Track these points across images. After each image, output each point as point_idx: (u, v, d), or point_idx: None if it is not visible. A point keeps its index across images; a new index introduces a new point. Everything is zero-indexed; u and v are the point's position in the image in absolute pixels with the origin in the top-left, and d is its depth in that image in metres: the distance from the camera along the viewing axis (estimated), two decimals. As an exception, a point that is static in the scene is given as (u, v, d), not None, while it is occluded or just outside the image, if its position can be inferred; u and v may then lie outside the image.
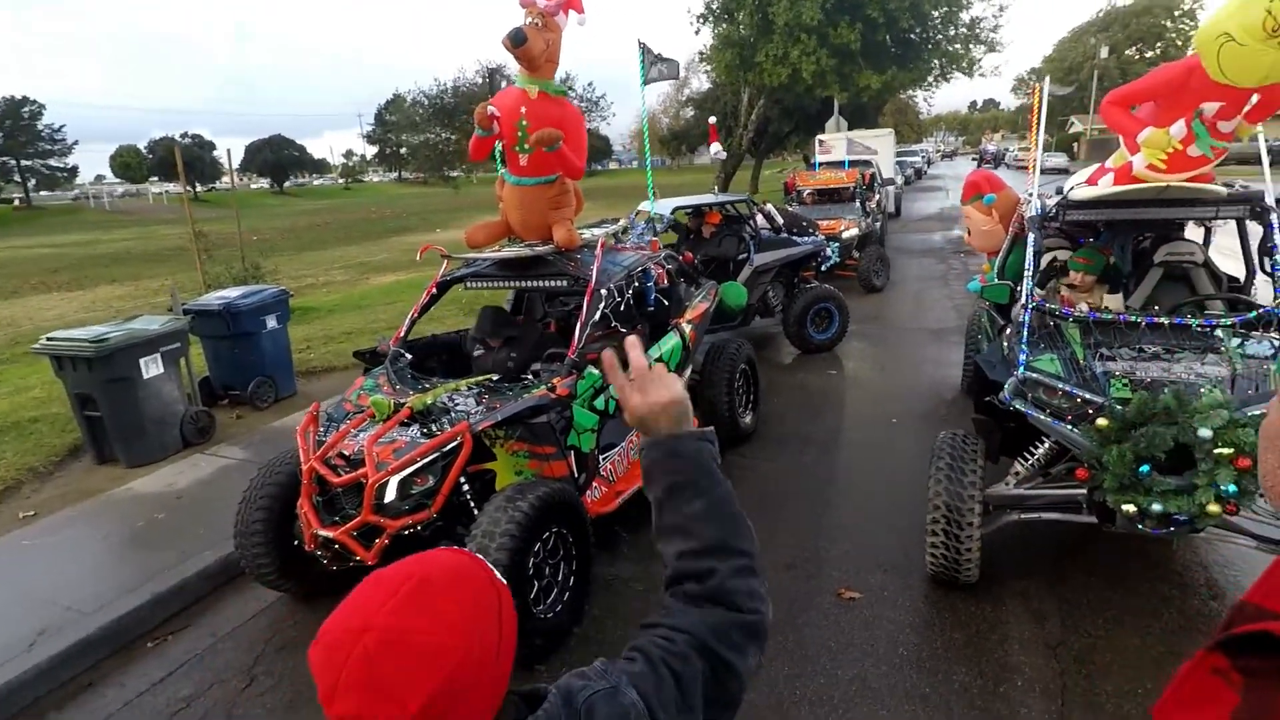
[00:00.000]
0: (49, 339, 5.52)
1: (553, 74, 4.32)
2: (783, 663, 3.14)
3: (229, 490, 4.81)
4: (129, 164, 68.44)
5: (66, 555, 4.45)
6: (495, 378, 4.00)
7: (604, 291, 4.18)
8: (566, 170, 4.43)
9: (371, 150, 76.71)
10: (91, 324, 5.98)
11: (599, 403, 3.97)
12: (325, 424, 3.75)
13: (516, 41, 4.01)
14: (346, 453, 3.47)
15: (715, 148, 9.40)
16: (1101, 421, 2.84)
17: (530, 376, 4.03)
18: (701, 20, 22.78)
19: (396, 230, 29.48)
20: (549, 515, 3.27)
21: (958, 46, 20.89)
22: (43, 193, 61.79)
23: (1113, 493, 2.84)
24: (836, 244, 10.43)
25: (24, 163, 58.05)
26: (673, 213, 8.05)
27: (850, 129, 20.43)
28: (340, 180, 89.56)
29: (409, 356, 4.41)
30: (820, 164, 15.60)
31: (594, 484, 3.98)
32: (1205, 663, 0.69)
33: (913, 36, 20.48)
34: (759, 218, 8.41)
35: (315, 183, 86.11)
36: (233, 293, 6.82)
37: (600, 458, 4.03)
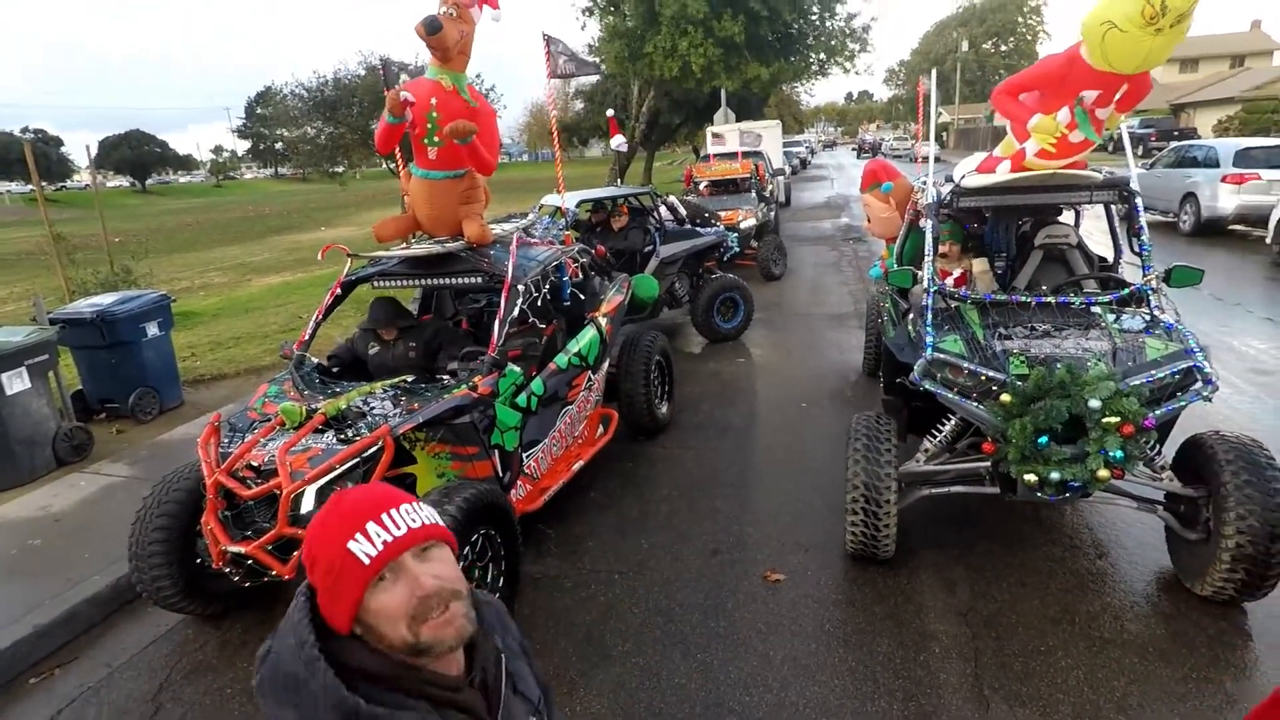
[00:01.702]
0: (-116, 356, 4.90)
1: (464, 67, 4.21)
2: (716, 648, 3.21)
3: (114, 510, 4.47)
4: (-42, 160, 61.18)
5: (-75, 596, 3.97)
6: (410, 379, 3.87)
7: (520, 287, 4.12)
8: (478, 165, 4.34)
9: (244, 145, 71.97)
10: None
11: (521, 400, 3.92)
12: (228, 435, 3.52)
13: (431, 29, 3.89)
14: (255, 464, 3.27)
15: (618, 140, 9.41)
16: (1005, 397, 3.06)
17: (448, 376, 3.93)
18: (587, 13, 22.73)
19: (278, 229, 27.91)
20: (477, 518, 3.20)
21: (835, 41, 21.81)
22: None
23: (1016, 464, 3.07)
24: (735, 234, 10.70)
25: None
26: (577, 206, 8.03)
27: (738, 120, 20.99)
28: (211, 177, 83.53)
29: (314, 359, 4.21)
30: (713, 155, 15.90)
31: (519, 482, 3.94)
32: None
33: (793, 30, 21.22)
34: (662, 209, 8.51)
35: (182, 180, 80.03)
36: (106, 299, 6.26)
37: (524, 455, 3.99)
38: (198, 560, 3.48)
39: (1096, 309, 3.56)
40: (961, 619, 3.29)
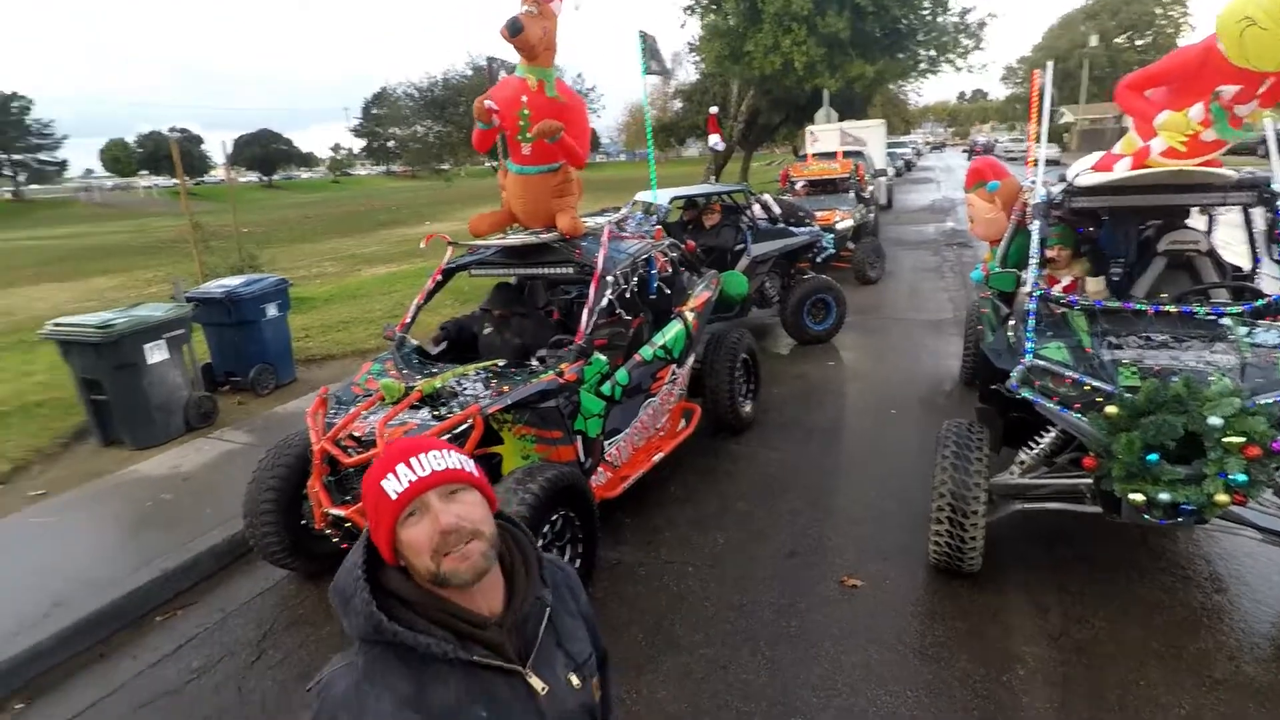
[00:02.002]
0: (55, 324, 5.53)
1: (551, 61, 4.32)
2: (786, 647, 3.19)
3: (234, 473, 4.85)
4: (118, 158, 67.91)
5: (78, 532, 4.50)
6: (502, 363, 4.03)
7: (610, 278, 4.21)
8: (570, 159, 4.45)
9: (359, 144, 76.26)
10: (86, 314, 5.98)
11: (605, 388, 4.01)
12: (334, 407, 3.77)
13: (514, 31, 4.01)
14: (357, 434, 3.49)
15: (714, 139, 9.37)
16: (1110, 409, 2.87)
17: (536, 362, 4.06)
18: (689, 12, 22.74)
19: (387, 223, 29.38)
20: (557, 498, 3.31)
21: (947, 38, 20.86)
22: (33, 186, 61.17)
23: (1120, 481, 2.87)
24: (831, 235, 10.48)
25: (14, 157, 57.48)
26: (670, 202, 8.08)
27: (840, 120, 20.47)
28: (329, 173, 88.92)
29: (414, 342, 4.45)
30: (811, 155, 15.60)
31: (600, 469, 4.02)
32: None
33: (901, 26, 20.45)
34: (755, 208, 8.44)
35: (303, 176, 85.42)
36: (234, 281, 6.82)
37: (606, 443, 4.07)
38: (302, 522, 3.75)
39: (1226, 320, 3.28)
40: (1052, 643, 3.11)
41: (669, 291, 4.98)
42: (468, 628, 1.14)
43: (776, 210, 8.65)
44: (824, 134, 18.39)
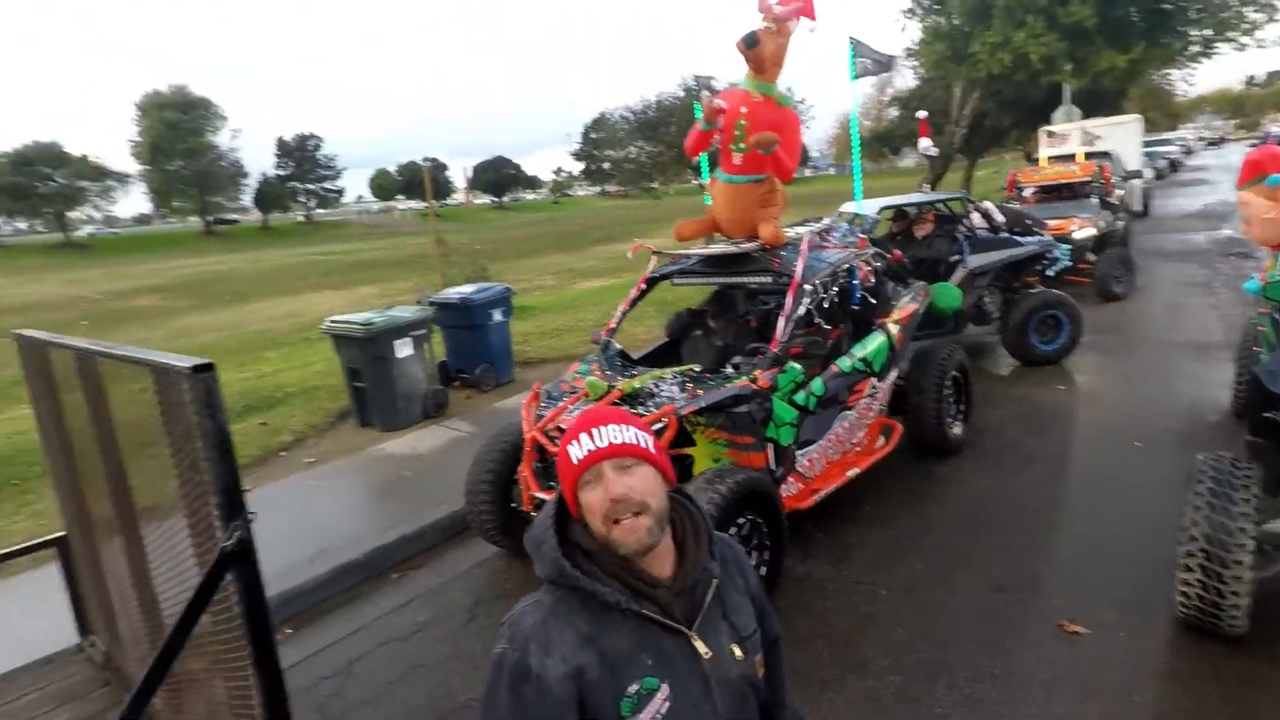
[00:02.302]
0: (332, 322, 6.61)
1: (777, 77, 4.40)
2: (988, 687, 2.94)
3: (459, 457, 5.44)
4: (382, 185, 78.94)
5: (338, 496, 5.35)
6: (698, 368, 4.15)
7: (808, 287, 4.16)
8: (778, 171, 4.48)
9: (578, 166, 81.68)
10: (353, 314, 7.05)
11: (800, 398, 3.96)
12: (545, 401, 4.12)
13: (749, 44, 4.16)
14: (564, 426, 3.78)
15: (925, 143, 8.79)
16: None
17: (731, 369, 4.12)
18: (908, 15, 21.63)
19: (600, 240, 31.14)
20: (745, 502, 3.34)
21: (1228, 13, 17.60)
22: (319, 211, 72.95)
23: None
24: (1068, 246, 9.41)
25: (308, 186, 69.13)
26: (879, 212, 7.77)
27: (1085, 119, 18.26)
28: (550, 195, 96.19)
29: (618, 345, 4.71)
30: (1044, 157, 14.10)
31: (790, 479, 3.98)
32: None
33: (1167, 5, 17.66)
34: (975, 216, 7.83)
35: (528, 197, 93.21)
36: (468, 289, 7.69)
37: (798, 453, 4.02)
38: (512, 504, 4.13)
39: None
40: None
41: (872, 302, 4.82)
42: (640, 585, 1.22)
43: (999, 219, 7.97)
44: (1061, 135, 16.56)
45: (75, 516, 2.88)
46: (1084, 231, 10.12)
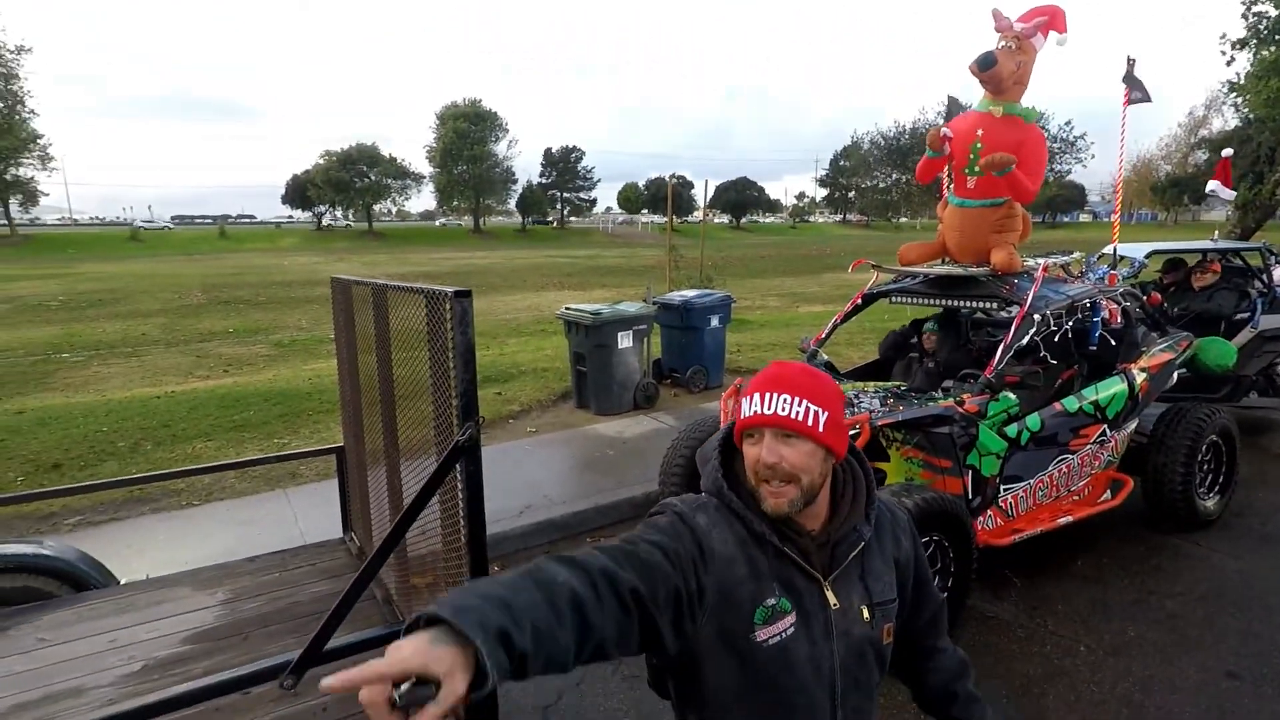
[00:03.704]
0: (566, 309, 7.35)
1: (1020, 96, 4.21)
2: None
3: (659, 446, 5.79)
4: (629, 198, 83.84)
5: (549, 463, 5.93)
6: (902, 386, 4.09)
7: (1036, 317, 3.92)
8: (1017, 194, 4.27)
9: (822, 192, 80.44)
10: (585, 304, 7.75)
11: (1011, 429, 3.75)
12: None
13: (984, 66, 4.02)
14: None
15: (1214, 185, 7.55)
16: None
17: (939, 392, 4.01)
18: (1238, 46, 18.61)
19: (832, 267, 30.53)
20: (932, 520, 3.25)
21: None
22: (573, 218, 79.48)
23: None
24: None
25: (564, 194, 75.65)
26: (1147, 256, 6.92)
27: None
28: (789, 219, 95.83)
29: (825, 356, 4.76)
30: None
31: (990, 513, 3.78)
32: None
33: None
34: (1277, 272, 6.68)
35: (766, 220, 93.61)
36: (690, 293, 8.10)
37: (1002, 488, 3.80)
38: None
39: None
40: None
41: (1115, 344, 4.38)
42: (787, 530, 1.25)
43: (1312, 277, 6.72)
44: None
45: (353, 431, 3.58)
46: None
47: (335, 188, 58.94)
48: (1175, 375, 4.81)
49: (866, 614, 1.29)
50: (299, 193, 61.75)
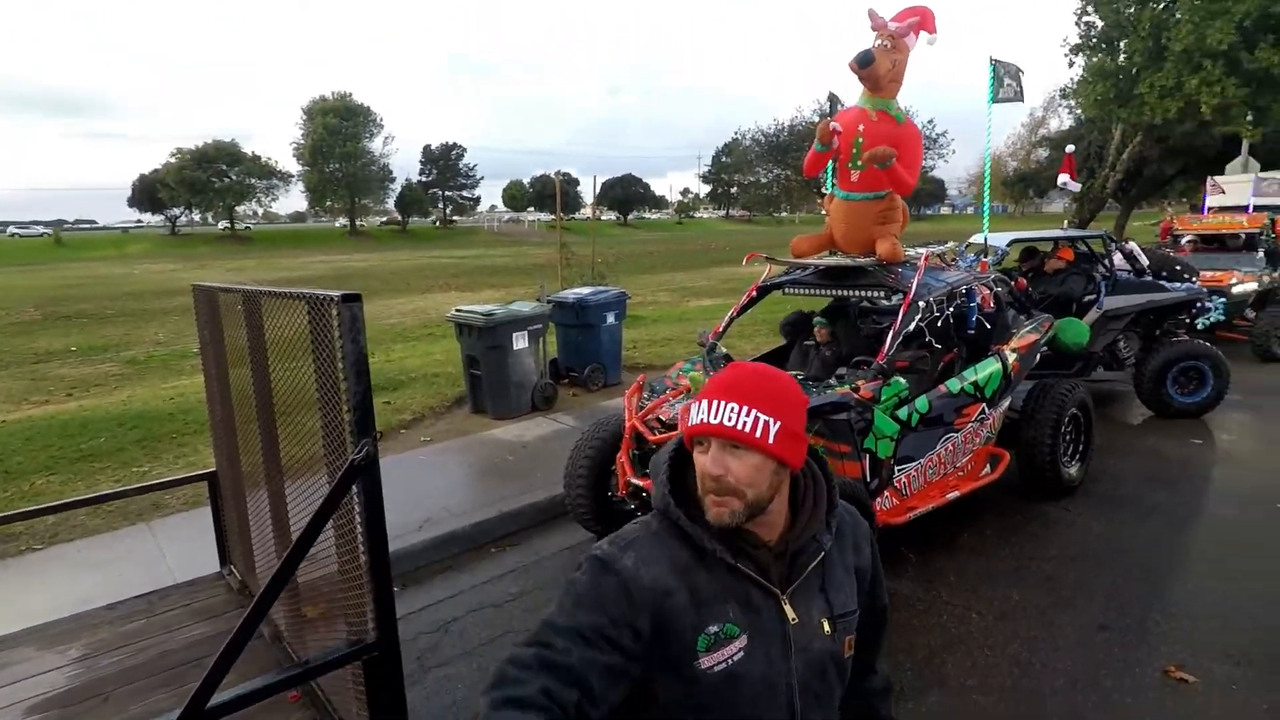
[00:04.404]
0: (456, 310, 7.09)
1: (896, 93, 4.40)
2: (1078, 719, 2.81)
3: (561, 447, 5.67)
4: (514, 195, 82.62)
5: (447, 472, 5.69)
6: (801, 375, 4.19)
7: (921, 304, 4.12)
8: (897, 187, 4.47)
9: (705, 189, 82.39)
10: (477, 305, 7.51)
11: (902, 413, 3.92)
12: (648, 394, 4.28)
13: (863, 63, 4.18)
14: (663, 418, 3.93)
15: (1064, 179, 8.32)
16: None
17: (834, 379, 4.13)
18: (1074, 51, 20.58)
19: (718, 262, 31.29)
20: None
21: None
22: (455, 218, 77.32)
23: None
24: (1223, 299, 8.67)
25: (446, 193, 73.46)
26: (1009, 245, 7.48)
27: (1262, 171, 16.73)
28: (674, 215, 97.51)
29: (724, 349, 4.81)
30: (1210, 208, 13.06)
31: (886, 493, 3.93)
32: None
33: None
34: (1117, 257, 7.39)
35: (652, 216, 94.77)
36: (584, 290, 8.02)
37: (896, 469, 3.97)
38: (609, 494, 4.30)
39: None
40: None
41: (989, 327, 4.68)
42: (742, 543, 1.20)
43: (1144, 261, 7.48)
44: (1232, 185, 15.26)
45: (225, 454, 3.27)
46: (1244, 285, 9.32)
47: (191, 189, 54.49)
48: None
49: (827, 627, 1.25)
50: (148, 194, 56.77)
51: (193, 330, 3.44)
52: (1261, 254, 10.11)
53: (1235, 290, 9.14)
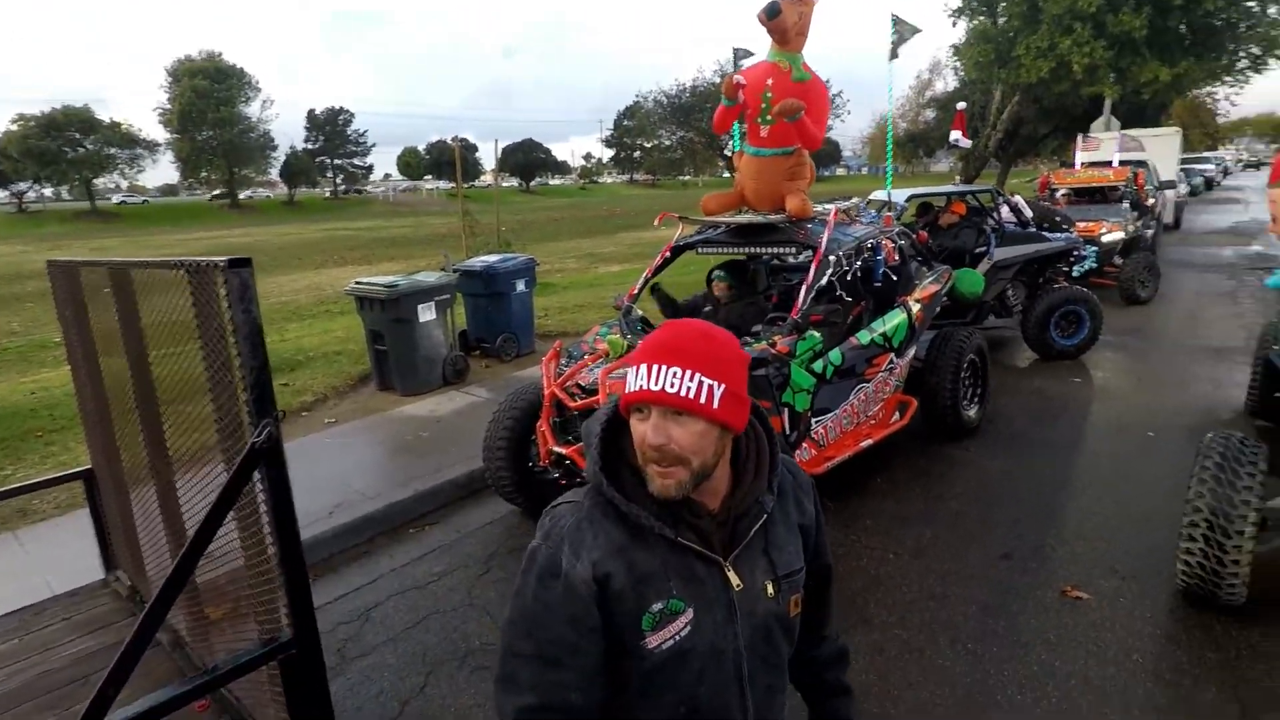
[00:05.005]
0: (355, 284, 6.71)
1: (801, 47, 4.40)
2: (991, 643, 2.99)
3: (476, 421, 5.51)
4: (410, 164, 79.37)
5: (356, 454, 5.42)
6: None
7: (831, 258, 4.19)
8: (805, 141, 4.49)
9: (608, 153, 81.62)
10: (379, 276, 7.14)
11: (817, 365, 4.00)
12: (565, 359, 4.18)
13: (771, 14, 4.15)
14: (583, 383, 3.85)
15: (955, 135, 8.73)
16: None
17: (750, 337, 4.16)
18: (957, 14, 21.41)
19: (625, 227, 31.15)
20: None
21: (1278, 31, 17.39)
22: (348, 188, 73.48)
23: None
24: (1094, 248, 9.34)
25: (335, 162, 69.56)
26: (907, 200, 7.75)
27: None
28: (579, 180, 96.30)
29: (640, 311, 4.76)
30: (1081, 162, 14.00)
31: (804, 445, 4.02)
32: None
33: (1218, 21, 17.42)
34: (1004, 210, 7.80)
35: (555, 182, 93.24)
36: (491, 258, 7.76)
37: (813, 420, 4.06)
38: (529, 464, 4.20)
39: None
40: (1343, 698, 2.59)
41: (895, 279, 4.83)
42: (682, 512, 1.14)
43: (1028, 214, 7.93)
44: (1099, 141, 16.41)
45: (102, 449, 2.95)
46: (1112, 235, 10.04)
47: (39, 160, 49.03)
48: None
49: (771, 589, 1.21)
50: (-13, 167, 50.87)
51: (52, 317, 3.06)
52: (1127, 205, 10.93)
53: (1105, 239, 9.85)
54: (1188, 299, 9.86)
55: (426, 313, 6.60)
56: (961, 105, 9.49)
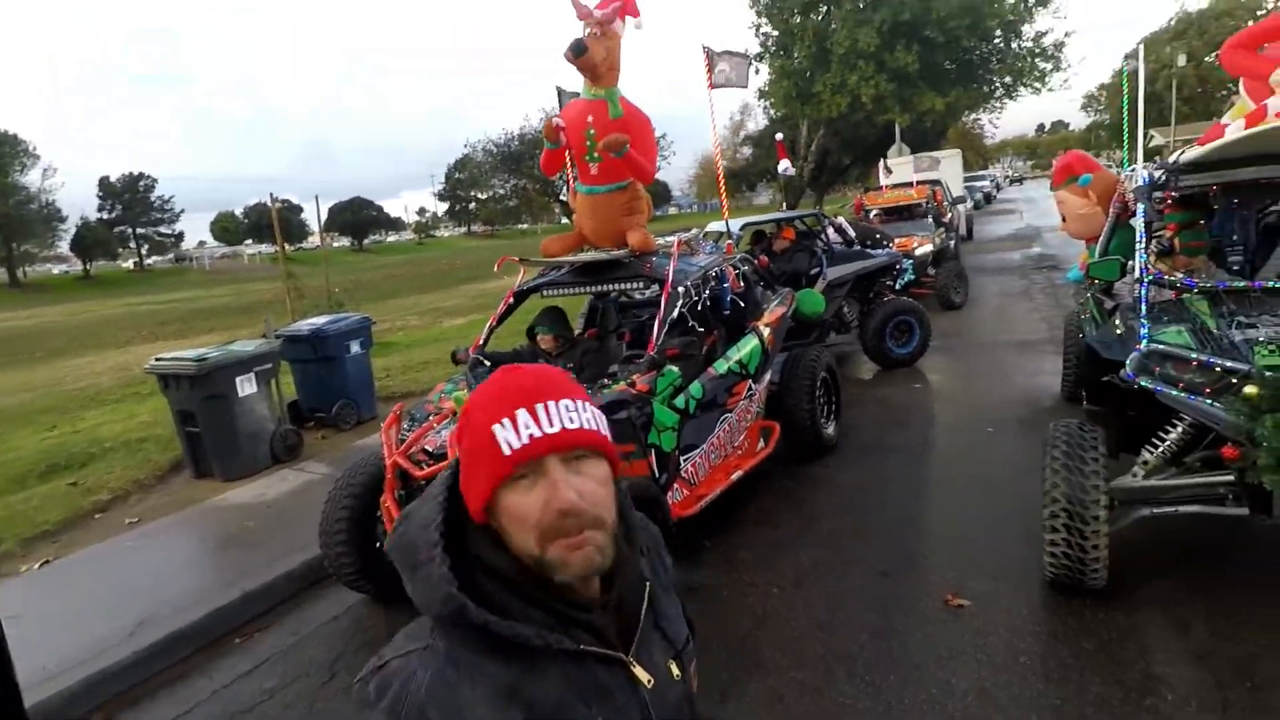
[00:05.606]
0: (157, 359, 5.84)
1: (615, 81, 4.35)
2: (887, 669, 2.90)
3: (314, 501, 4.86)
4: (227, 228, 73.70)
5: (165, 556, 4.63)
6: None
7: (680, 289, 4.10)
8: (637, 174, 4.43)
9: (443, 207, 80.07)
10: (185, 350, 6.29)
11: (679, 401, 3.86)
12: (408, 424, 3.77)
13: (577, 52, 4.07)
14: (429, 448, 3.46)
15: (784, 164, 9.26)
16: (1249, 389, 2.54)
17: (607, 379, 3.96)
18: (758, 58, 23.05)
19: (466, 279, 30.40)
20: (641, 510, 3.14)
21: (1022, 64, 20.45)
22: (154, 258, 66.78)
23: (1269, 471, 2.52)
24: (910, 260, 10.11)
25: (139, 230, 63.15)
26: (741, 229, 7.97)
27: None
28: (414, 236, 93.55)
29: (488, 363, 4.43)
30: (886, 186, 15.38)
31: (676, 486, 3.85)
32: None
33: (974, 57, 20.18)
34: (830, 232, 8.24)
35: (390, 239, 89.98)
36: (320, 320, 7.08)
37: (681, 459, 3.90)
38: (376, 544, 3.71)
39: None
40: (1200, 663, 2.72)
41: (743, 305, 4.84)
42: (569, 610, 0.90)
43: (852, 233, 8.43)
44: (898, 165, 18.20)
45: None
46: (924, 248, 10.93)
47: None
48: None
49: (676, 669, 1.02)
50: None
51: None
52: (930, 220, 12.00)
53: (918, 252, 10.69)
54: (992, 300, 10.91)
55: (246, 385, 5.86)
56: (779, 136, 10.07)
